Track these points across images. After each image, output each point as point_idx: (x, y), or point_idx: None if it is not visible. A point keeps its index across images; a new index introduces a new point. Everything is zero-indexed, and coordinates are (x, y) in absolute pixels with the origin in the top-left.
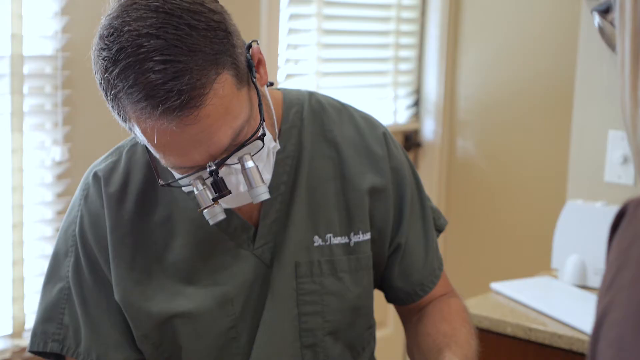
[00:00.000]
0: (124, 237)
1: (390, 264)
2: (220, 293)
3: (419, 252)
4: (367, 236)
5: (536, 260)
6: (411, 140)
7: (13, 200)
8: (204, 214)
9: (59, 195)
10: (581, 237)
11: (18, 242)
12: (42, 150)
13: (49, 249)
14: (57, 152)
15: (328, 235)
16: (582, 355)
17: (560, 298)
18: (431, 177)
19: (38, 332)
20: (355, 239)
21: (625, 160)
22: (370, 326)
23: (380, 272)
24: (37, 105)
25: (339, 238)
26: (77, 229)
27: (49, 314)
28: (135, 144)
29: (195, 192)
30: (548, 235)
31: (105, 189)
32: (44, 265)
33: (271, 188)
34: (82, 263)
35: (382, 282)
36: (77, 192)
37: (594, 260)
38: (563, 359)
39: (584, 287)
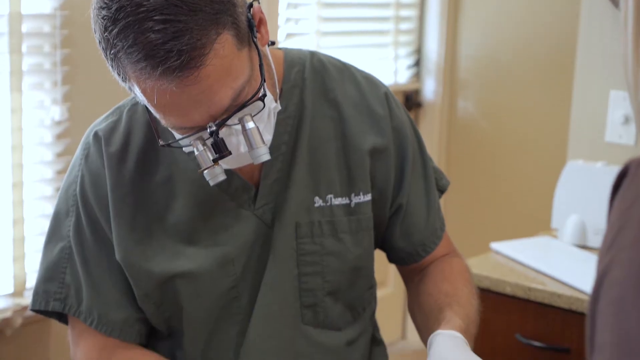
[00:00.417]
0: (125, 196)
1: (392, 225)
2: (221, 253)
3: (420, 212)
4: (368, 197)
5: (536, 220)
6: (412, 100)
7: (13, 160)
8: (205, 174)
9: (59, 155)
10: (581, 197)
11: (18, 201)
12: (42, 110)
13: (49, 208)
14: (56, 112)
15: (329, 196)
16: (581, 314)
17: (560, 258)
18: (431, 137)
19: (40, 291)
20: (356, 199)
21: (626, 120)
22: (371, 287)
23: (382, 233)
24: (36, 64)
25: (339, 199)
26: (77, 189)
27: (51, 274)
28: (135, 104)
29: (196, 153)
30: (548, 195)
31: (106, 149)
32: (44, 225)
33: (272, 148)
34: (83, 223)
35: (383, 243)
36: (78, 151)
37: (594, 221)
38: (562, 318)
39: (584, 247)
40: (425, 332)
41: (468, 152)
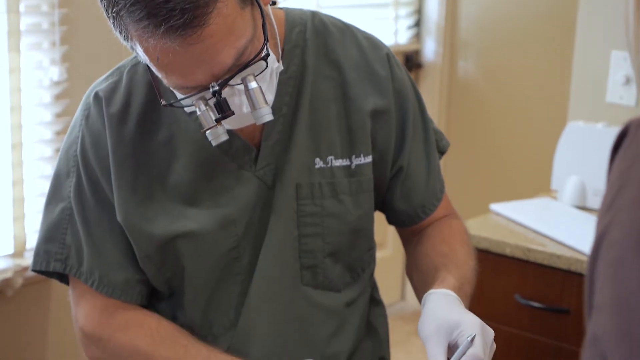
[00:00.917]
0: (126, 157)
1: (392, 187)
2: (222, 214)
3: (421, 174)
4: (369, 159)
5: (536, 182)
6: (412, 61)
7: (12, 121)
8: (207, 134)
9: (58, 116)
10: (581, 158)
11: (17, 162)
12: (40, 70)
13: (48, 169)
14: (55, 72)
15: (329, 158)
16: (580, 275)
17: (560, 219)
18: (432, 98)
19: (41, 252)
20: (356, 161)
21: (627, 80)
22: (370, 248)
23: (382, 195)
24: (34, 24)
25: (340, 160)
26: (78, 150)
27: (51, 234)
28: (136, 64)
29: (198, 113)
30: (548, 157)
31: (106, 110)
32: (44, 186)
33: (273, 109)
34: (83, 183)
35: (383, 205)
36: (78, 112)
37: (594, 182)
38: (562, 279)
39: (584, 208)
40: (421, 292)
41: (468, 113)
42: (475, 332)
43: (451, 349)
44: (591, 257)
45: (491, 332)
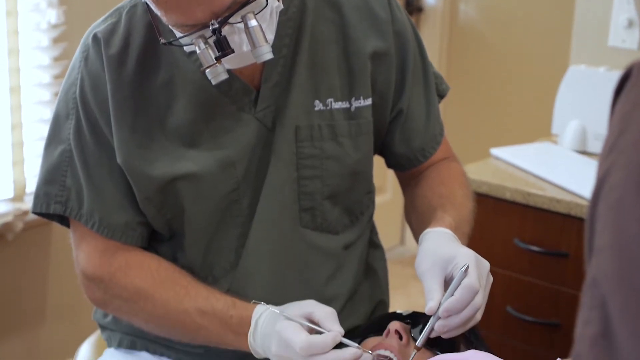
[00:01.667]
0: (125, 99)
1: (392, 130)
2: (222, 156)
3: (420, 118)
4: (369, 101)
5: (537, 126)
6: (412, 4)
7: (10, 64)
8: (207, 73)
9: (56, 59)
10: (583, 103)
11: (16, 106)
12: (38, 13)
13: (47, 113)
14: (52, 15)
15: (329, 100)
16: (580, 219)
17: (560, 163)
18: (432, 42)
19: (41, 194)
20: (356, 104)
21: (630, 24)
22: (369, 191)
23: (381, 138)
24: None
25: (339, 103)
26: (77, 92)
27: (51, 176)
28: (135, 5)
29: (198, 52)
30: (549, 101)
31: (105, 51)
32: (42, 129)
33: (273, 50)
34: (83, 125)
35: (382, 148)
36: (77, 54)
37: (595, 126)
38: (561, 223)
39: (584, 152)
40: (419, 233)
41: (469, 57)
42: (469, 262)
43: (447, 283)
44: (592, 200)
45: (486, 264)
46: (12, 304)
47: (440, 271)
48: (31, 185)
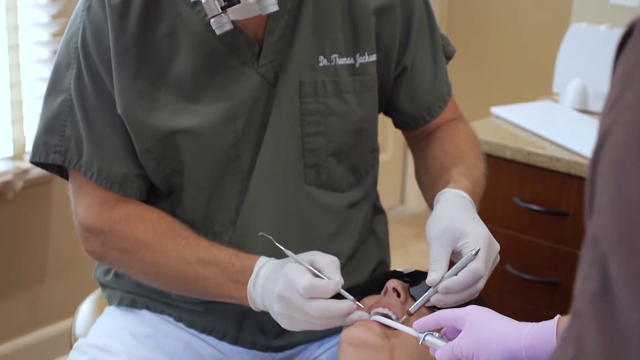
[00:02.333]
0: (128, 50)
1: (398, 87)
2: (223, 110)
3: (427, 76)
4: (373, 57)
5: (538, 85)
6: None
7: (8, 22)
8: (211, 23)
9: (55, 17)
10: (584, 61)
11: (15, 64)
12: None
13: (46, 71)
14: None
15: (333, 56)
16: (580, 178)
17: (561, 122)
18: (433, 1)
19: (40, 144)
20: (360, 60)
21: None
22: (374, 149)
23: (387, 96)
24: None
25: (344, 59)
26: (79, 41)
27: (51, 126)
28: None
29: (203, 1)
30: (551, 59)
31: (108, 1)
32: (41, 88)
33: (278, 4)
34: (84, 75)
35: (389, 107)
36: (79, 4)
37: (596, 84)
38: (561, 182)
39: (585, 111)
40: (431, 194)
41: (470, 15)
42: (481, 246)
43: (455, 255)
44: (593, 158)
45: (497, 247)
46: (12, 263)
47: (449, 242)
48: (31, 144)
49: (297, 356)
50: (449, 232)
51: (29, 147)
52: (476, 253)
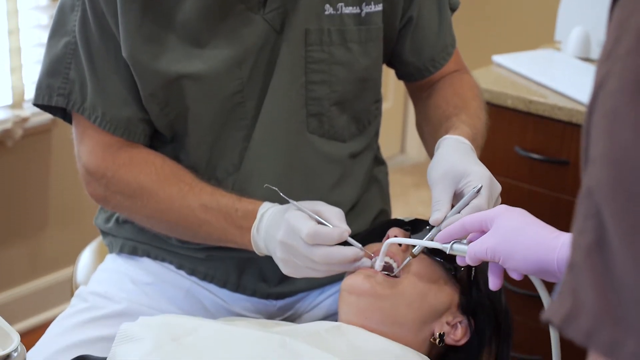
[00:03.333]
0: None
1: (402, 38)
2: (228, 56)
3: (431, 27)
4: (379, 7)
5: (539, 32)
6: None
7: None
8: None
9: None
10: (586, 9)
11: (13, 11)
12: None
13: (44, 18)
14: None
15: (339, 4)
16: (581, 127)
17: (562, 70)
18: None
19: (43, 86)
20: (366, 9)
21: None
22: (377, 100)
23: (391, 47)
24: None
25: (350, 8)
26: None
27: (54, 68)
28: None
29: None
30: (553, 7)
31: None
32: (40, 35)
33: None
34: (89, 17)
35: (392, 57)
36: None
37: (598, 32)
38: (562, 130)
39: (587, 59)
40: (431, 143)
41: None
42: (483, 184)
43: (457, 197)
44: (588, 109)
45: (498, 187)
46: (13, 211)
47: (451, 183)
48: (30, 92)
49: (298, 303)
50: (451, 174)
51: (28, 95)
52: (478, 190)
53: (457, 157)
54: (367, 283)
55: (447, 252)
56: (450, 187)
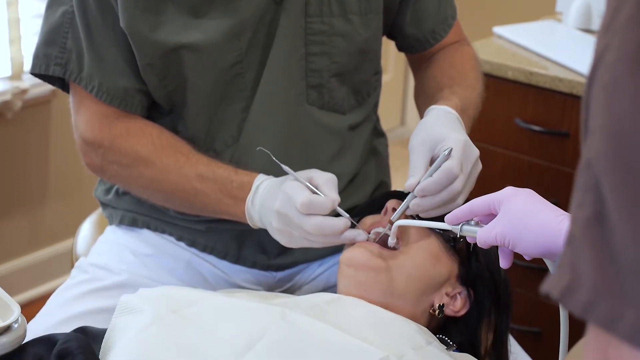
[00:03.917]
0: None
1: (402, 10)
2: (226, 27)
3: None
4: None
5: (541, 4)
6: None
7: None
8: None
9: None
10: None
11: None
12: None
13: None
14: None
15: None
16: (581, 99)
17: (564, 42)
18: None
19: (40, 55)
20: None
21: None
22: (377, 72)
23: (392, 18)
24: None
25: None
26: None
27: (52, 37)
28: None
29: None
30: None
31: None
32: (39, 6)
33: None
34: None
35: (393, 29)
36: None
37: (600, 3)
38: (563, 102)
39: (588, 30)
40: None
41: None
42: (455, 147)
43: (432, 162)
44: (588, 81)
45: (475, 151)
46: (13, 183)
47: (428, 150)
48: (29, 64)
49: (298, 275)
50: (429, 141)
51: (27, 67)
52: (449, 153)
53: (438, 126)
54: (366, 256)
55: (458, 235)
56: (427, 153)
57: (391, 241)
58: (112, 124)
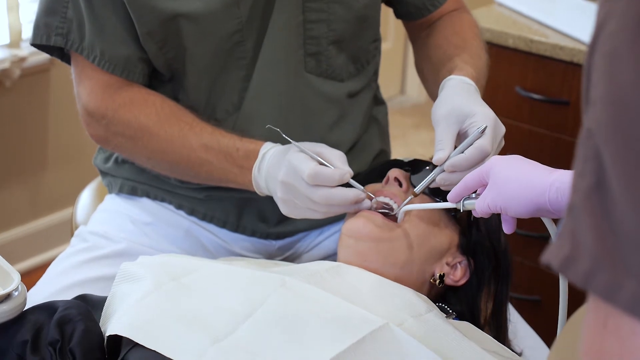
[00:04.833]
0: None
1: None
2: None
3: None
4: None
5: None
6: None
7: None
8: None
9: None
10: None
11: None
12: None
13: None
14: None
15: None
16: (582, 67)
17: (564, 9)
18: None
19: (41, 25)
20: None
21: None
22: (376, 39)
23: None
24: None
25: None
26: None
27: (52, 7)
28: None
29: None
30: None
31: None
32: None
33: None
34: None
35: None
36: None
37: None
38: (563, 70)
39: None
40: (434, 83)
41: None
42: (488, 124)
43: (460, 137)
44: (589, 49)
45: (502, 128)
46: (12, 151)
47: (456, 123)
48: (27, 32)
49: (297, 243)
50: (455, 114)
51: (25, 35)
52: (483, 130)
53: (462, 98)
54: (367, 226)
55: (461, 210)
56: (454, 126)
57: (400, 219)
58: (115, 94)
